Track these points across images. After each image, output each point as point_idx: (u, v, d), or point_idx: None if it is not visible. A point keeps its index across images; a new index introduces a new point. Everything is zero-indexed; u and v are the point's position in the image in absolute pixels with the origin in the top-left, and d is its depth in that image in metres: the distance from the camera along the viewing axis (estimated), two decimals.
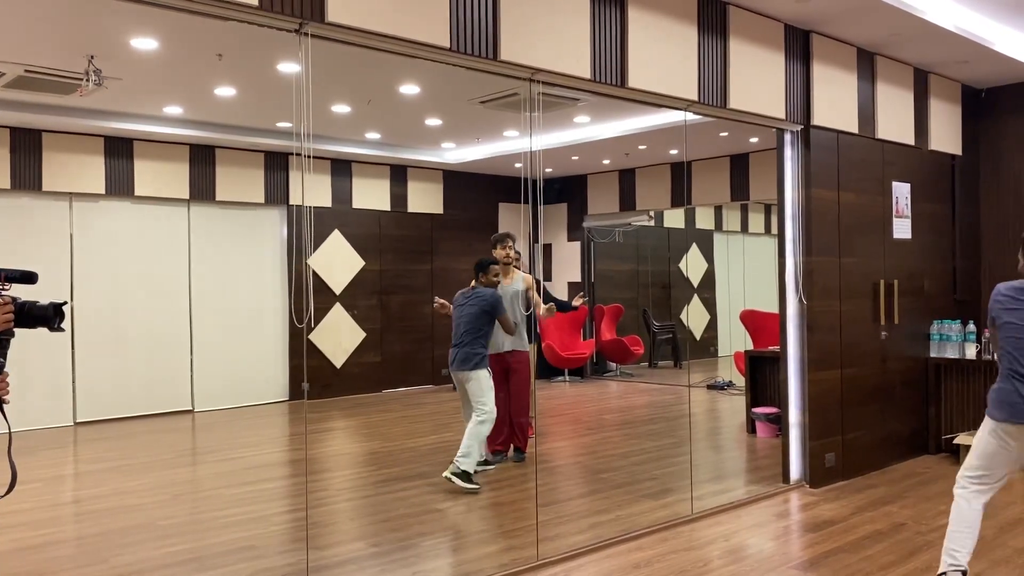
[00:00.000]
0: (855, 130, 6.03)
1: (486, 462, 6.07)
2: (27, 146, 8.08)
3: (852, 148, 6.02)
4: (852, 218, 6.01)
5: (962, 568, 3.56)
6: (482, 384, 5.82)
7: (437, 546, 4.54)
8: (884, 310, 6.20)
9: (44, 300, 2.54)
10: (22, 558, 4.40)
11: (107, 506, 5.43)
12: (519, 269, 6.61)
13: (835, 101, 5.84)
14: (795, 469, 5.73)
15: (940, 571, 3.60)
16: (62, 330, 2.55)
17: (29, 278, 2.54)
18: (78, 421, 8.31)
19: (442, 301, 6.26)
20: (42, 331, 2.56)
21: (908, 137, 6.52)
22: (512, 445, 6.41)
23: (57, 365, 8.19)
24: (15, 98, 7.18)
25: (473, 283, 6.13)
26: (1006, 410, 3.51)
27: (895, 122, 6.38)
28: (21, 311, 2.49)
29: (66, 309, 2.54)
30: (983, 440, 3.62)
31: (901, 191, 6.47)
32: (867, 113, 6.14)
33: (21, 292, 2.55)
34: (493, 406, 5.80)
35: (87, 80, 6.14)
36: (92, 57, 5.92)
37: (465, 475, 5.52)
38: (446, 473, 5.56)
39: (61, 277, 8.30)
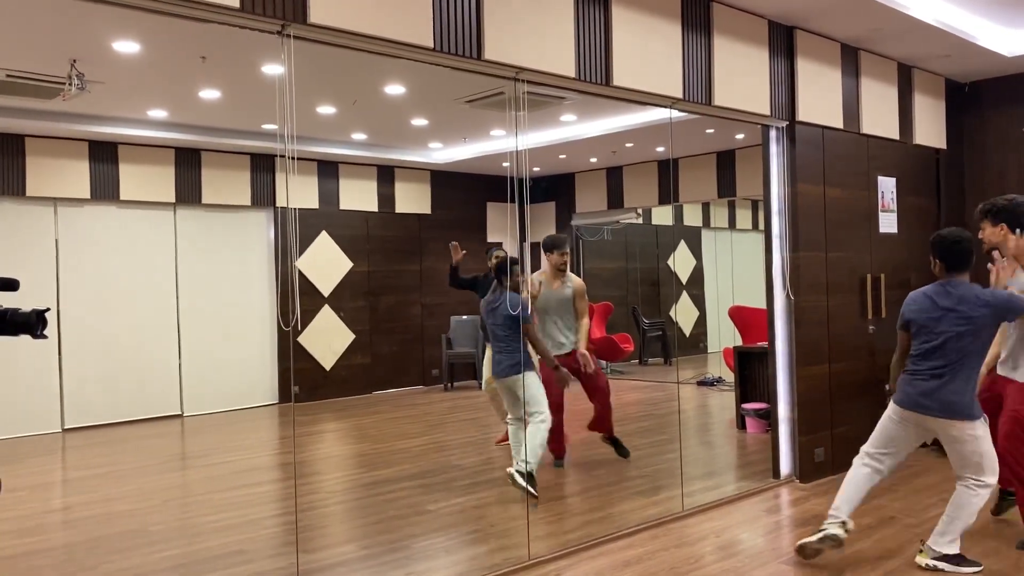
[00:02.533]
0: (840, 125, 6.05)
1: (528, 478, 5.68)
2: (10, 151, 8.02)
3: (837, 143, 6.04)
4: (838, 213, 6.03)
5: (840, 519, 4.12)
6: (533, 388, 5.57)
7: (428, 547, 4.53)
8: (871, 304, 6.23)
9: (27, 307, 2.52)
10: (8, 567, 4.37)
11: (96, 513, 5.40)
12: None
13: (820, 97, 5.86)
14: (785, 464, 5.75)
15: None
16: (45, 337, 2.54)
17: (10, 285, 2.52)
18: (66, 427, 8.25)
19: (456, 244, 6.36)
20: (27, 338, 2.55)
21: (893, 132, 6.55)
22: (602, 435, 6.30)
23: (44, 371, 8.13)
24: None
25: (482, 273, 5.97)
26: (901, 397, 4.09)
27: (880, 117, 6.40)
28: (3, 318, 2.48)
29: (48, 316, 2.52)
30: (883, 420, 4.18)
31: (887, 185, 6.49)
32: (852, 108, 6.16)
33: (3, 299, 2.53)
34: (545, 406, 5.57)
35: (70, 84, 6.09)
36: (75, 61, 5.88)
37: (531, 477, 5.32)
38: (511, 470, 5.35)
39: (47, 283, 8.24)
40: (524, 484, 5.24)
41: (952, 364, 3.91)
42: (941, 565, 3.94)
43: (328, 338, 10.07)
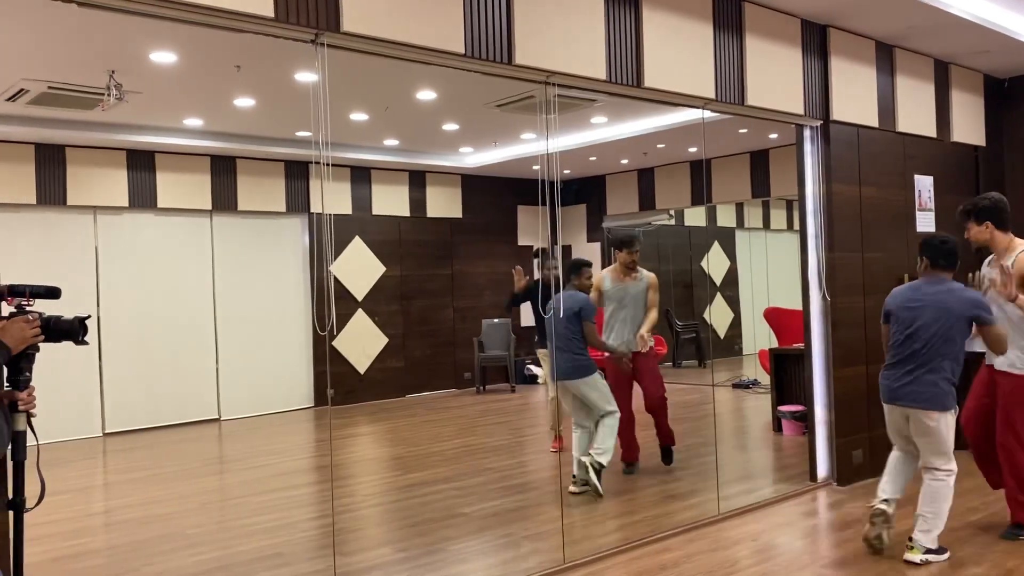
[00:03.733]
0: (875, 124, 5.97)
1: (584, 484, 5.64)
2: (52, 161, 8.19)
3: (873, 142, 5.96)
4: (874, 213, 5.95)
5: (882, 497, 4.25)
6: (600, 389, 5.64)
7: (463, 550, 4.54)
8: None
9: (68, 314, 2.58)
10: (55, 568, 4.46)
11: (136, 516, 5.49)
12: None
13: (854, 95, 5.79)
14: (822, 467, 5.68)
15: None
16: (86, 343, 2.60)
17: (53, 293, 2.58)
18: (107, 432, 8.40)
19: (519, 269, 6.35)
20: (69, 344, 2.61)
21: (930, 129, 6.45)
22: (660, 446, 6.22)
23: (85, 377, 8.29)
24: (39, 114, 7.29)
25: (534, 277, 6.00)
26: (881, 391, 4.26)
27: (916, 115, 6.31)
28: (47, 326, 2.54)
29: (89, 322, 2.58)
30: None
31: (924, 184, 6.40)
32: (887, 106, 6.08)
33: (46, 307, 2.59)
34: (612, 406, 5.63)
35: (108, 95, 6.21)
36: (113, 72, 5.99)
37: (601, 470, 5.44)
38: (586, 459, 5.42)
39: (87, 290, 8.40)
40: (596, 481, 5.34)
41: (927, 354, 4.05)
42: (931, 558, 4.09)
43: (362, 342, 10.14)
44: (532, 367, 11.51)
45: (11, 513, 2.55)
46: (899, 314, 4.19)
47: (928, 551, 4.09)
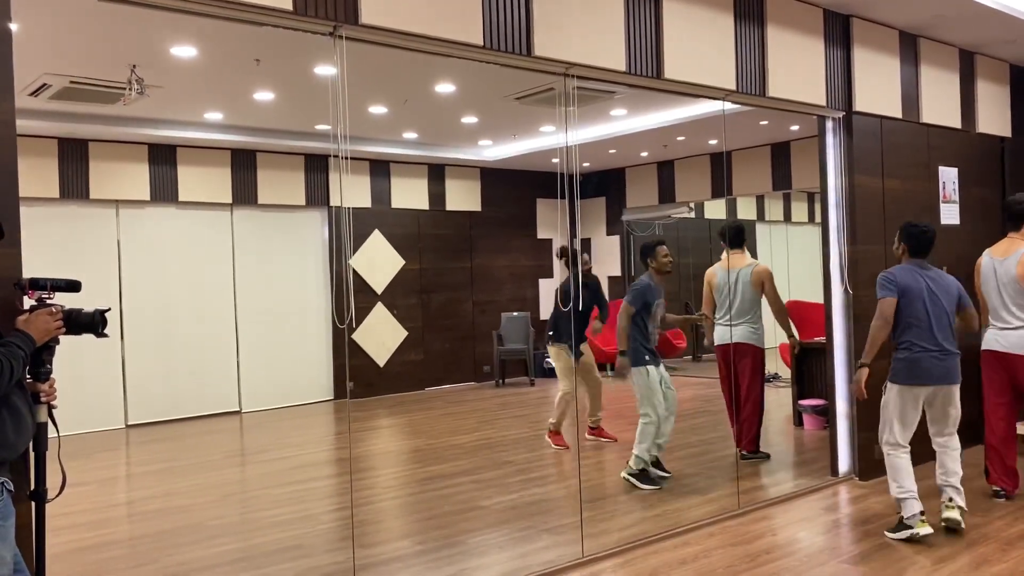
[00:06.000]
0: (899, 115, 5.89)
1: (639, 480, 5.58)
2: (74, 156, 8.26)
3: (896, 133, 5.89)
4: (898, 205, 5.88)
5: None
6: (636, 386, 5.57)
7: (482, 543, 4.55)
8: None
9: (90, 307, 2.60)
10: (78, 558, 4.51)
11: (158, 507, 5.54)
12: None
13: (877, 86, 5.72)
14: (844, 462, 5.63)
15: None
16: (107, 336, 2.62)
17: (74, 287, 2.60)
18: (129, 424, 8.48)
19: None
20: (91, 337, 2.63)
21: (954, 120, 6.36)
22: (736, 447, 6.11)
23: (108, 369, 8.36)
24: (62, 109, 7.34)
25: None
26: (919, 373, 4.36)
27: (940, 105, 6.22)
28: (68, 319, 2.56)
29: (110, 315, 2.60)
30: (899, 406, 4.42)
31: (948, 176, 6.31)
32: (911, 97, 6.00)
33: (67, 300, 2.61)
34: (653, 410, 5.48)
35: (130, 89, 6.25)
36: (134, 66, 6.03)
37: (641, 475, 5.45)
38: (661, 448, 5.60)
39: (109, 283, 8.47)
40: (635, 482, 5.44)
41: (950, 333, 4.40)
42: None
43: (382, 335, 10.17)
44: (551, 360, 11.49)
45: (33, 504, 2.58)
46: (920, 296, 4.36)
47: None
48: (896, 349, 4.44)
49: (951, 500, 4.40)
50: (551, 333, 6.77)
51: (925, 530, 4.25)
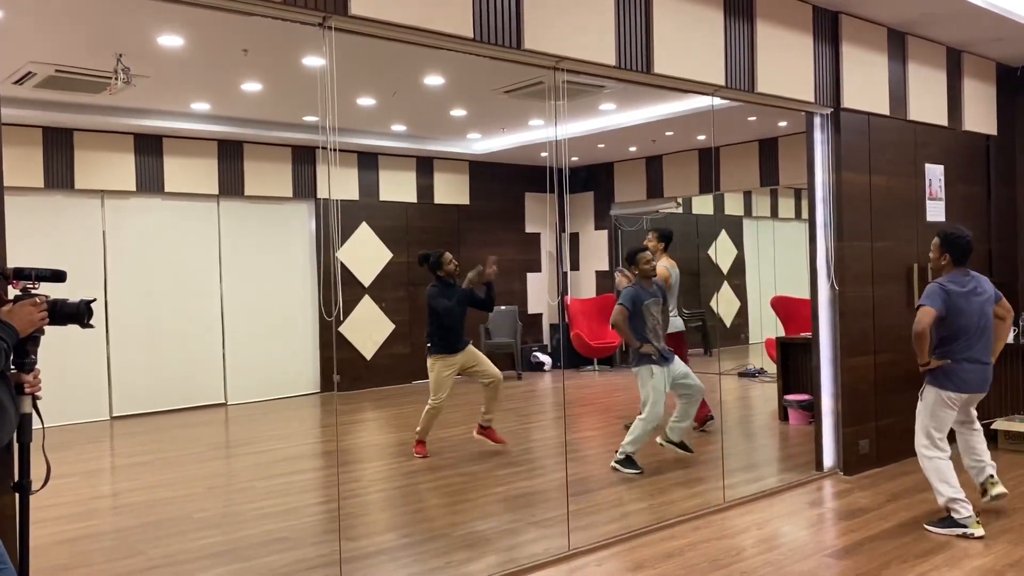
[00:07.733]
0: (886, 112, 5.92)
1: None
2: (59, 145, 8.19)
3: (883, 130, 5.91)
4: (884, 201, 5.91)
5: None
6: (640, 385, 5.76)
7: (468, 536, 4.55)
8: (919, 294, 6.08)
9: (75, 297, 2.58)
10: (61, 550, 4.48)
11: (143, 499, 5.51)
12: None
13: (865, 83, 5.74)
14: (828, 456, 5.67)
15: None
16: (92, 327, 2.60)
17: (58, 277, 2.58)
18: (114, 415, 8.43)
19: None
20: (76, 327, 2.61)
21: (941, 118, 6.40)
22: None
23: (92, 361, 8.31)
24: (46, 98, 7.27)
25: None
26: (965, 381, 4.44)
27: (928, 103, 6.26)
28: (53, 309, 2.54)
29: (95, 306, 2.58)
30: (940, 409, 4.47)
31: (934, 173, 6.35)
32: (899, 94, 6.03)
33: (52, 290, 2.59)
34: (651, 412, 5.64)
35: (116, 78, 6.20)
36: (120, 56, 5.98)
37: (627, 460, 5.69)
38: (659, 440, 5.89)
39: (94, 274, 8.41)
40: (620, 468, 5.66)
41: (990, 345, 4.48)
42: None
43: (369, 328, 10.15)
44: (539, 354, 11.53)
45: (17, 495, 2.56)
46: (970, 309, 4.39)
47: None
48: (943, 355, 4.43)
49: (992, 477, 4.58)
50: (428, 345, 6.67)
51: (979, 532, 4.29)
